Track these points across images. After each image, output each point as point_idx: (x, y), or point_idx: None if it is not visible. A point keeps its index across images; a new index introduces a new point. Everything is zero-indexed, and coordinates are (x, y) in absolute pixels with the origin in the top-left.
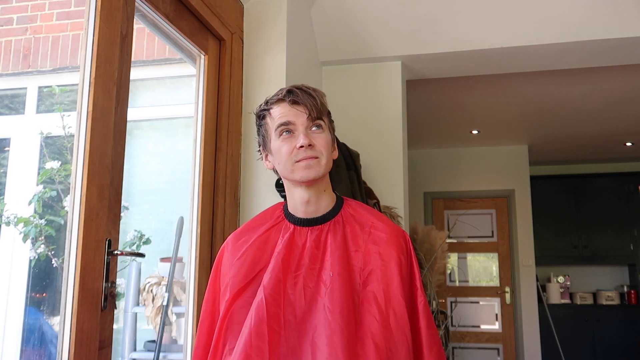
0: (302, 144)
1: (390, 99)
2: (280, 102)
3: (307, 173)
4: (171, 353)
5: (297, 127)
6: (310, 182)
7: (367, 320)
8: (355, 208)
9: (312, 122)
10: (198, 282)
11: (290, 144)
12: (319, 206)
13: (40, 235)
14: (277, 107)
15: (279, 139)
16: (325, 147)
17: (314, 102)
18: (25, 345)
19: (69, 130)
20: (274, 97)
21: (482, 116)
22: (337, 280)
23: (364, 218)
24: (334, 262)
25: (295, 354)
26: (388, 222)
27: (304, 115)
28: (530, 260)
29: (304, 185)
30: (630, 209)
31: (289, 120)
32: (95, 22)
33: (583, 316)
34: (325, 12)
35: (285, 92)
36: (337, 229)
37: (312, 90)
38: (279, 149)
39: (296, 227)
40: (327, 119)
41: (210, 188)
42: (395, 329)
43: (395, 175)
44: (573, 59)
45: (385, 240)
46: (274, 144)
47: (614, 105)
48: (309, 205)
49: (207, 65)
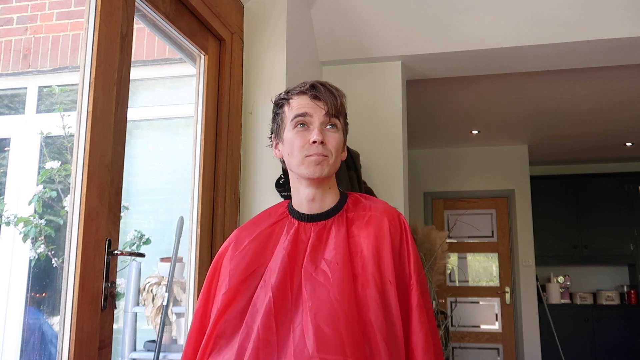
0: (316, 139)
1: (390, 99)
2: (302, 94)
3: (314, 170)
4: (171, 353)
5: (313, 121)
6: (316, 180)
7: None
8: (356, 198)
9: (329, 119)
10: (198, 282)
11: (303, 138)
12: (323, 203)
13: (40, 235)
14: (298, 99)
15: (293, 130)
16: (336, 147)
17: (335, 100)
18: (25, 345)
19: (69, 130)
20: (295, 89)
21: (482, 116)
22: (339, 266)
23: (362, 205)
24: (336, 250)
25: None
26: (383, 204)
27: (322, 111)
28: (530, 260)
29: (309, 182)
30: (630, 209)
31: (307, 112)
32: (95, 22)
33: (583, 316)
34: (325, 12)
35: (309, 86)
36: (341, 222)
37: (334, 89)
38: (292, 141)
39: (300, 223)
40: (343, 120)
41: (210, 188)
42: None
43: (395, 175)
44: (573, 59)
45: (377, 220)
46: (287, 134)
47: (614, 105)
48: (314, 203)
49: (207, 65)
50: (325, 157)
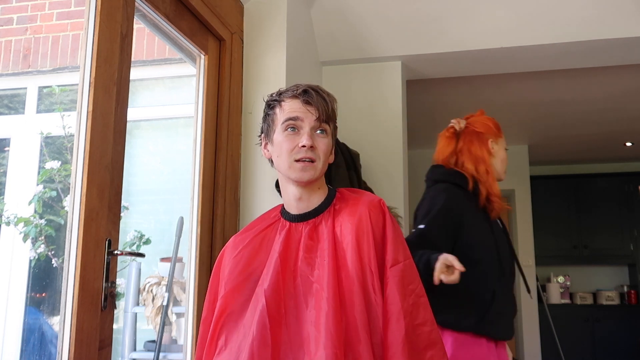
0: (305, 144)
1: (390, 99)
2: (294, 98)
3: (302, 175)
4: (171, 353)
5: (303, 125)
6: (304, 182)
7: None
8: (343, 193)
9: (319, 124)
10: (198, 282)
11: (292, 142)
12: (310, 202)
13: (40, 235)
14: (290, 102)
15: (283, 133)
16: (325, 152)
17: (326, 106)
18: (25, 345)
19: (69, 130)
20: (288, 92)
21: None
22: (329, 263)
23: (347, 198)
24: (326, 247)
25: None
26: (366, 194)
27: (313, 116)
28: (530, 260)
29: (297, 184)
30: (630, 209)
31: (298, 116)
32: (95, 22)
33: (583, 316)
34: (325, 12)
35: (301, 90)
36: (328, 218)
37: (326, 94)
38: (281, 144)
39: (291, 224)
40: (332, 125)
41: (210, 188)
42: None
43: (395, 175)
44: (573, 59)
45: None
46: (277, 136)
47: (614, 105)
48: (301, 202)
49: (207, 65)
50: (312, 163)
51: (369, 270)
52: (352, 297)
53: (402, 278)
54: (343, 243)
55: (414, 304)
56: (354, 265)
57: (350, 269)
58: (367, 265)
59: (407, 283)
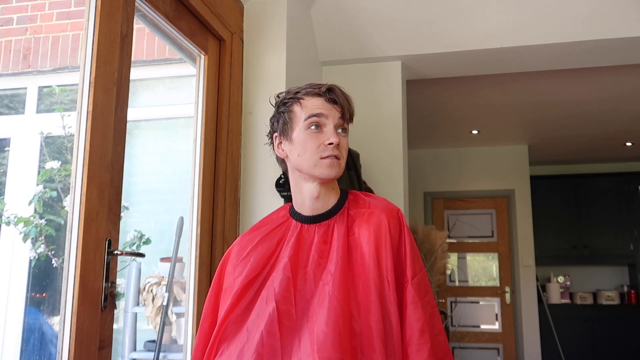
0: (333, 141)
1: (390, 99)
2: (317, 96)
3: (329, 172)
4: (171, 353)
5: (327, 123)
6: (327, 181)
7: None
8: (357, 195)
9: (343, 123)
10: (198, 282)
11: (317, 140)
12: (326, 202)
13: (40, 235)
14: (312, 99)
15: (306, 131)
16: (346, 150)
17: (349, 105)
18: (25, 345)
19: (69, 130)
20: (307, 89)
21: (482, 116)
22: (340, 267)
23: (363, 202)
24: (338, 251)
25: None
26: (383, 201)
27: (338, 114)
28: (530, 260)
29: (318, 181)
30: (630, 209)
31: (322, 113)
32: (95, 22)
33: (583, 316)
34: (325, 12)
35: (326, 89)
36: (342, 220)
37: (347, 95)
38: (305, 142)
39: (303, 225)
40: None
41: (210, 188)
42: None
43: (395, 175)
44: (573, 59)
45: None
46: (298, 134)
47: (614, 105)
48: (317, 201)
49: (207, 65)
50: (338, 160)
51: (386, 281)
52: (369, 305)
53: (419, 290)
54: (361, 251)
55: (431, 314)
56: (373, 274)
57: (368, 278)
58: (384, 275)
59: (423, 294)
